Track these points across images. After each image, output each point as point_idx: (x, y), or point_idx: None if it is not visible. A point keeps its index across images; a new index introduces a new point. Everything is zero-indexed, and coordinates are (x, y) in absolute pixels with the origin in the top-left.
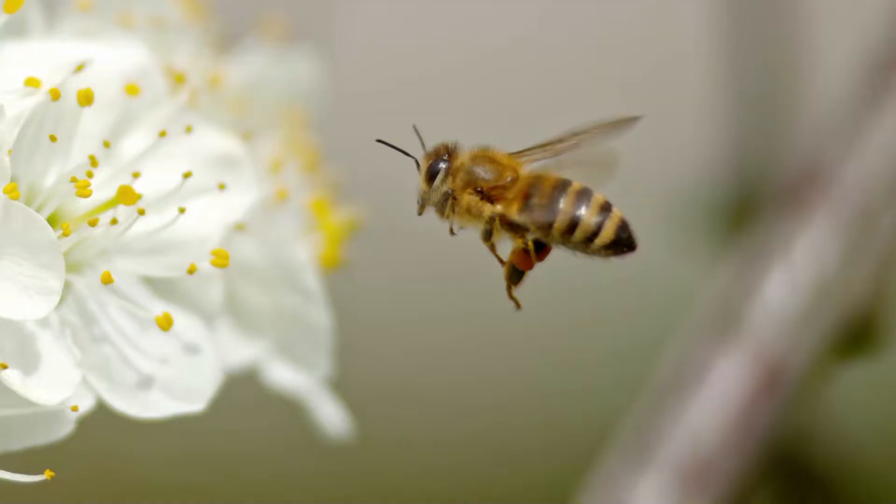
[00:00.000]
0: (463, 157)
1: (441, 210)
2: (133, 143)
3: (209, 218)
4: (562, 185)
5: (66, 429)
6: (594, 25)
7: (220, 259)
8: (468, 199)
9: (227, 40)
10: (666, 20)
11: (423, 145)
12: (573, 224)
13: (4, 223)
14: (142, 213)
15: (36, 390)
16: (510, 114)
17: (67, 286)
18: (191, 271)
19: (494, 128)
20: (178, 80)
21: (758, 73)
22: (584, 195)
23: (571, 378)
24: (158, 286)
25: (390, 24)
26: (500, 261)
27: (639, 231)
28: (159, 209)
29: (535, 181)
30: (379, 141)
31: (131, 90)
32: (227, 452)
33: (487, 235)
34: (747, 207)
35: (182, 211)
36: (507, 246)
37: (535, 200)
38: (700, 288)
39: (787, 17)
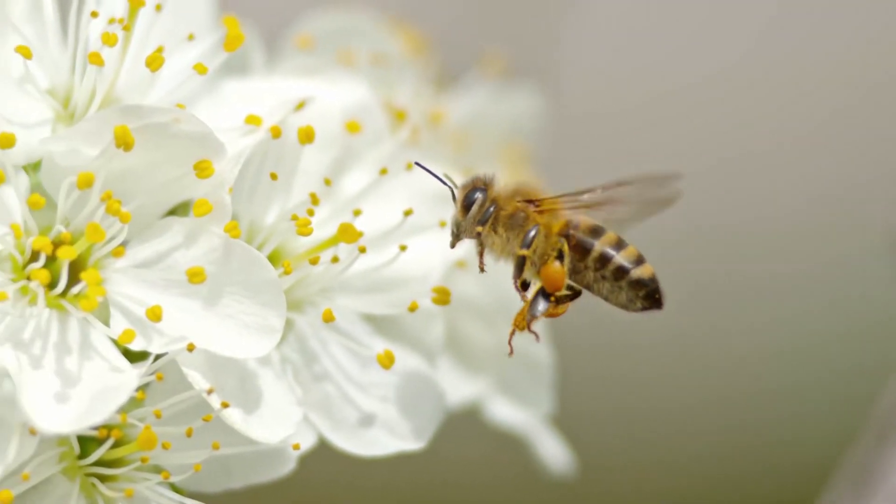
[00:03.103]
0: (501, 188)
1: (482, 225)
2: (354, 181)
3: (430, 255)
4: (599, 228)
5: (287, 467)
6: (814, 46)
7: (442, 296)
8: (515, 206)
9: (447, 76)
10: (887, 44)
11: (455, 184)
12: (608, 256)
13: (226, 261)
14: (363, 250)
15: (257, 429)
16: (733, 136)
17: (288, 324)
18: (412, 309)
19: (722, 151)
20: (398, 116)
21: None
22: (620, 242)
23: (790, 402)
24: (379, 324)
25: (613, 57)
26: (522, 295)
27: (862, 256)
28: (380, 247)
29: (574, 219)
30: (417, 164)
31: (352, 127)
32: (448, 481)
33: (528, 244)
34: None
35: (403, 248)
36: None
37: (577, 229)
38: None
39: None
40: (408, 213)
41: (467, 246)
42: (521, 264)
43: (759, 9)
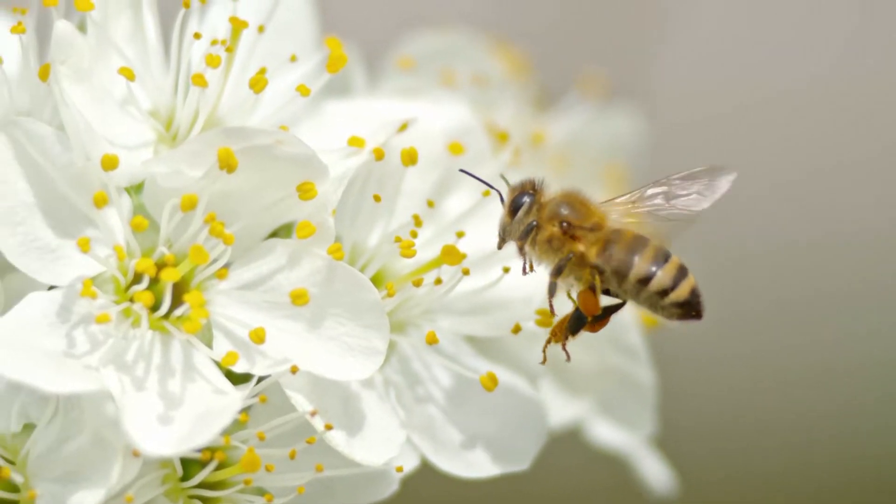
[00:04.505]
0: (550, 195)
1: (522, 240)
2: (456, 202)
3: (533, 277)
4: (642, 241)
5: (390, 488)
6: None
7: (545, 318)
8: (551, 230)
9: (548, 97)
10: None
11: (507, 183)
12: (647, 277)
13: (328, 283)
14: (466, 272)
15: (360, 451)
16: (825, 148)
17: (391, 346)
18: (515, 331)
19: (817, 162)
20: (500, 137)
21: None
22: (661, 253)
23: (892, 414)
24: (481, 345)
25: (706, 73)
26: (552, 308)
27: None
28: (483, 269)
29: (616, 233)
30: (462, 171)
31: (455, 149)
32: (548, 492)
33: (558, 272)
34: None
35: (506, 270)
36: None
37: (615, 249)
38: None
39: None
40: None
41: None
42: (552, 287)
43: (847, 20)
